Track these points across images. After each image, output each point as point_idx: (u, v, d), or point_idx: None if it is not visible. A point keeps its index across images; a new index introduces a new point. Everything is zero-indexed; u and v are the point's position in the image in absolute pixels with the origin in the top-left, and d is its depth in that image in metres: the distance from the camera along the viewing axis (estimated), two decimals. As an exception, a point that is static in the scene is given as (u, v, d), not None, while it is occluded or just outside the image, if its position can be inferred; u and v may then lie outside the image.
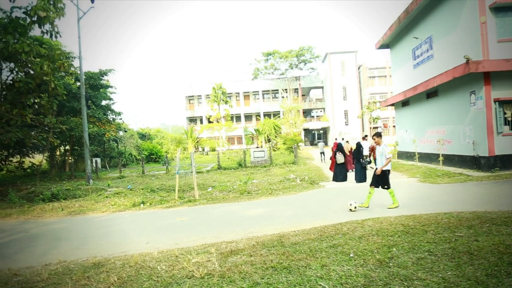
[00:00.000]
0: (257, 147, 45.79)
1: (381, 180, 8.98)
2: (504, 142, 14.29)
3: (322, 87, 65.12)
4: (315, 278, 4.34)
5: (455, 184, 12.05)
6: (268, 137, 46.31)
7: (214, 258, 5.37)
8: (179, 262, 5.37)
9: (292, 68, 59.78)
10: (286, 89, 61.57)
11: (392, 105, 25.61)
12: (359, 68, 58.78)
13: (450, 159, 16.92)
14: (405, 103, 23.14)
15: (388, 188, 8.94)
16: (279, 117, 57.01)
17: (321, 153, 27.06)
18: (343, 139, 17.87)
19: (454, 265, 4.39)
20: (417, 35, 20.21)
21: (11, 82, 18.31)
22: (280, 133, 47.67)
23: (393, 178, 15.13)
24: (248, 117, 66.06)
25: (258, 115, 64.08)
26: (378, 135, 9.27)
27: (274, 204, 10.72)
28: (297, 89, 62.75)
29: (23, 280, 5.07)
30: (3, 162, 26.10)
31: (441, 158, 16.86)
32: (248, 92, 65.45)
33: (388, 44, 25.27)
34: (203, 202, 11.80)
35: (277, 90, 64.09)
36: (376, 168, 9.10)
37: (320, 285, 4.14)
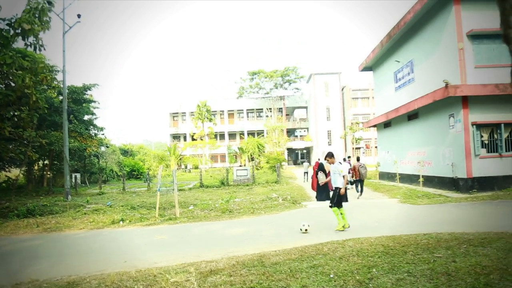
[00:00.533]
0: (240, 166, 45.69)
1: (338, 197, 8.83)
2: (481, 164, 14.64)
3: (306, 107, 65.90)
4: (294, 299, 4.30)
5: (434, 205, 12.22)
6: (251, 155, 46.35)
7: (193, 278, 5.28)
8: (157, 282, 5.25)
9: (277, 88, 60.47)
10: (270, 108, 62.07)
11: (374, 126, 26.05)
12: (342, 89, 59.81)
13: (430, 180, 17.20)
14: (387, 124, 23.57)
15: (337, 207, 8.81)
16: (263, 136, 57.28)
17: (305, 172, 27.22)
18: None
19: (432, 286, 4.41)
20: (399, 59, 20.77)
21: (-9, 95, 17.91)
22: (264, 152, 47.78)
23: (374, 198, 15.30)
24: (232, 135, 66.15)
25: (242, 133, 64.25)
26: (330, 155, 9.48)
27: (256, 223, 10.65)
28: (281, 108, 63.33)
29: (-8, 300, 4.88)
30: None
31: (421, 179, 17.13)
32: (232, 111, 65.70)
33: (371, 66, 25.86)
34: (184, 220, 11.64)
35: (262, 109, 64.57)
36: (338, 188, 8.94)
37: (299, 306, 4.10)
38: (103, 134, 30.51)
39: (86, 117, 28.20)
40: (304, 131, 68.72)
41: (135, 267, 6.32)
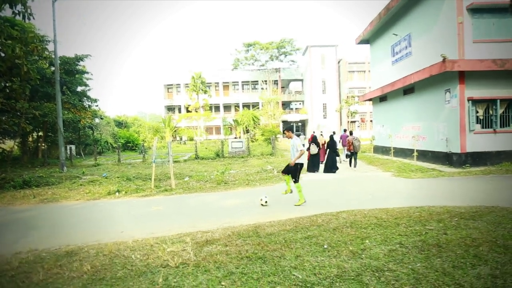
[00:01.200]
0: (235, 138, 45.71)
1: (292, 172, 8.93)
2: (476, 139, 14.76)
3: (301, 80, 65.38)
4: (289, 268, 4.41)
5: (427, 179, 12.39)
6: (246, 128, 46.31)
7: (189, 248, 5.38)
8: (154, 251, 5.35)
9: (272, 60, 59.72)
10: (265, 81, 61.54)
11: (370, 100, 26.00)
12: (339, 62, 59.26)
13: (424, 155, 17.36)
14: (382, 98, 23.54)
15: (296, 182, 8.86)
16: (258, 108, 57.03)
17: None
18: (334, 133, 18.39)
19: (423, 257, 4.54)
20: (396, 32, 20.52)
21: (-18, 65, 17.58)
22: (259, 124, 47.73)
23: (368, 171, 15.47)
24: (227, 107, 65.78)
25: (237, 105, 63.87)
26: (289, 129, 9.49)
27: (251, 194, 10.76)
28: (276, 81, 62.80)
29: (-7, 268, 4.96)
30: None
31: (415, 153, 17.29)
32: (227, 83, 65.07)
33: (368, 39, 25.56)
34: (180, 191, 11.74)
35: (257, 81, 63.98)
36: (299, 164, 8.91)
37: (294, 275, 4.21)
38: (97, 106, 30.24)
39: (79, 89, 27.86)
40: (300, 104, 68.44)
41: (132, 237, 6.41)
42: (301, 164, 8.93)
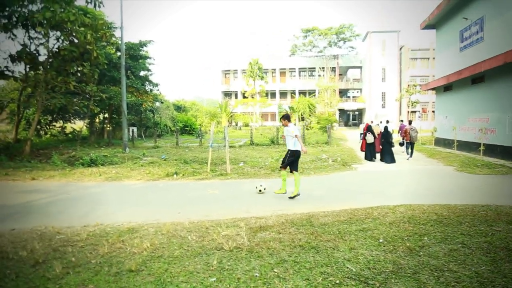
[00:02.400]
0: (290, 125, 45.41)
1: (293, 162, 8.63)
2: (553, 134, 13.53)
3: (360, 67, 63.38)
4: (342, 260, 4.36)
5: (495, 176, 11.59)
6: (302, 115, 45.91)
7: (243, 233, 5.49)
8: (209, 234, 5.52)
9: (330, 46, 58.39)
10: (323, 68, 60.38)
11: (433, 89, 24.65)
12: (400, 48, 56.62)
13: (492, 149, 16.22)
14: (447, 87, 22.20)
15: (296, 171, 8.65)
16: (314, 95, 56.22)
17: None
18: (388, 122, 17.94)
19: (489, 260, 4.28)
20: (467, 16, 19.12)
21: (57, 50, 18.97)
22: (315, 112, 47.11)
23: (428, 165, 14.77)
24: (283, 94, 65.56)
25: (293, 92, 63.40)
26: (285, 117, 9.13)
27: (305, 183, 10.71)
28: (334, 68, 61.38)
29: (65, 239, 5.40)
30: (47, 127, 27.45)
31: (482, 147, 16.17)
32: (284, 69, 64.69)
33: (434, 24, 24.09)
34: (234, 176, 11.96)
35: (314, 68, 62.95)
36: (290, 151, 8.65)
37: (347, 267, 4.16)
38: (158, 90, 31.46)
39: (142, 73, 29.09)
40: (357, 92, 66.52)
41: (188, 219, 6.65)
42: (298, 152, 8.62)
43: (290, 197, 8.52)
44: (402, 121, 20.11)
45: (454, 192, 9.12)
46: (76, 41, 18.55)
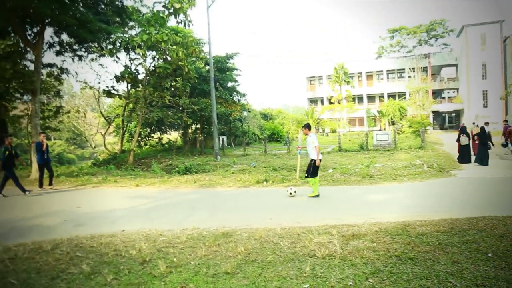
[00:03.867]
0: (380, 130, 43.75)
1: (313, 168, 9.23)
2: None
3: (456, 65, 58.47)
4: (444, 274, 4.06)
5: None
6: (392, 119, 43.80)
7: (335, 240, 5.40)
8: (300, 240, 5.52)
9: (421, 45, 54.87)
10: (413, 68, 56.93)
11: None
12: (505, 40, 51.09)
13: None
14: None
15: (310, 177, 9.33)
16: (404, 98, 53.21)
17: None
18: (487, 124, 16.52)
19: None
20: None
21: (153, 68, 20.80)
22: (406, 115, 44.61)
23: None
24: (370, 98, 63.22)
25: (381, 96, 60.73)
26: (306, 126, 9.63)
27: (398, 190, 10.21)
28: (426, 67, 57.46)
29: (167, 240, 5.82)
30: (147, 138, 30.07)
31: None
32: (371, 72, 62.37)
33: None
34: (324, 183, 11.82)
35: (403, 69, 59.61)
36: (313, 160, 9.31)
37: (450, 282, 3.85)
38: (245, 100, 32.55)
39: (229, 84, 30.36)
40: (453, 92, 61.41)
41: (280, 225, 6.72)
42: (314, 160, 9.24)
43: (309, 196, 9.38)
44: (506, 121, 18.23)
45: None
46: (169, 58, 20.10)
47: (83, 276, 4.40)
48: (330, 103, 58.22)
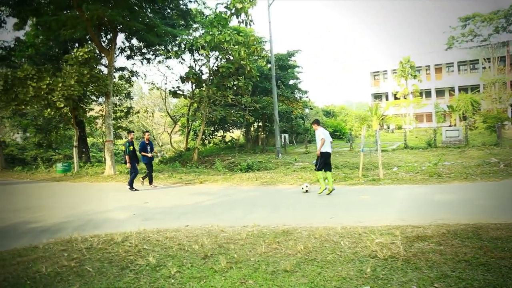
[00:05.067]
0: (450, 126, 41.10)
1: (321, 162, 9.82)
2: None
3: (541, 53, 53.24)
4: (524, 284, 3.72)
5: None
6: (463, 114, 40.98)
7: (398, 241, 5.17)
8: (362, 240, 5.38)
9: (498, 33, 50.57)
10: (488, 59, 52.61)
11: None
12: None
13: None
14: None
15: (316, 169, 10.02)
16: (478, 91, 49.44)
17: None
18: None
19: None
20: None
21: (216, 68, 21.42)
22: (479, 110, 41.48)
23: None
24: (439, 92, 59.54)
25: (451, 89, 56.94)
26: (315, 121, 10.30)
27: (469, 190, 9.54)
28: (504, 57, 52.81)
29: (228, 236, 5.97)
30: (210, 136, 31.03)
31: None
32: (440, 65, 58.65)
33: None
34: (388, 182, 11.40)
35: (477, 60, 55.35)
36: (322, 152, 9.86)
37: (530, 292, 3.53)
38: (307, 97, 32.35)
39: (291, 82, 30.32)
40: (538, 83, 55.95)
41: (341, 224, 6.59)
42: (322, 153, 9.81)
43: (327, 194, 9.69)
44: None
45: None
46: (231, 58, 20.54)
47: (149, 268, 4.66)
48: (396, 98, 55.83)
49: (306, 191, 10.21)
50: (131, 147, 12.22)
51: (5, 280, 4.52)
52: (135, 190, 12.06)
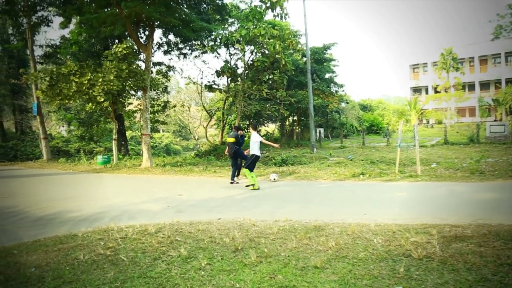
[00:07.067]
0: (495, 120, 39.08)
1: (250, 162, 10.69)
2: None
3: None
4: None
5: None
6: (510, 108, 38.85)
7: (435, 241, 4.98)
8: (396, 239, 5.23)
9: (551, 21, 47.43)
10: (541, 48, 49.49)
11: None
12: None
13: None
14: None
15: (249, 169, 10.60)
16: (528, 83, 46.70)
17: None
18: None
19: None
20: None
21: (251, 62, 21.48)
22: (529, 103, 39.13)
23: None
24: (484, 85, 56.62)
25: (498, 82, 53.99)
26: (252, 126, 11.38)
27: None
28: (559, 47, 49.51)
29: (259, 230, 5.98)
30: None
31: None
32: (485, 56, 55.72)
33: None
34: (426, 178, 11.01)
35: (527, 50, 52.22)
36: (254, 155, 10.79)
37: None
38: (343, 91, 31.80)
39: (327, 76, 29.90)
40: None
41: (374, 221, 6.44)
42: (256, 156, 10.80)
43: (248, 186, 10.67)
44: None
45: None
46: (267, 52, 20.51)
47: (180, 259, 4.76)
48: (436, 92, 53.69)
49: (274, 179, 11.63)
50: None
51: (47, 265, 4.76)
52: (237, 182, 12.05)
